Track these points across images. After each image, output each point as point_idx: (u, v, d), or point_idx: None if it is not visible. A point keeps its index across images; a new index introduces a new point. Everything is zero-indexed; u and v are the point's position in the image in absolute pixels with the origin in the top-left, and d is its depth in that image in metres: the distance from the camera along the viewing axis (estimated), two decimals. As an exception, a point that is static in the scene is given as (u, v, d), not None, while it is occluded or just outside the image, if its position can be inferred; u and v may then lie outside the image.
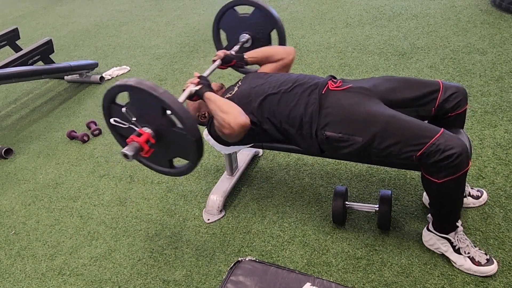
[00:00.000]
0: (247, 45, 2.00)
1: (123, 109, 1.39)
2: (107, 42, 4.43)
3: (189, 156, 1.40)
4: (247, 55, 1.80)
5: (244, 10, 2.00)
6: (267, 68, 1.80)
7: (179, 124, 1.33)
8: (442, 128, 1.30)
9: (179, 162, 1.48)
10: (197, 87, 1.55)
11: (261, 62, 1.82)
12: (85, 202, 2.20)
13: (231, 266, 1.58)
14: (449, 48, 2.90)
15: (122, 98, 1.38)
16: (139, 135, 1.35)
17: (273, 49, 1.85)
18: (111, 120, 1.46)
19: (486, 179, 1.82)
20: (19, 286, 1.79)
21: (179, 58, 3.66)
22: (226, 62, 1.78)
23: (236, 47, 1.93)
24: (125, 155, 1.32)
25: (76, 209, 2.16)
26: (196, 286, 1.62)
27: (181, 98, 1.51)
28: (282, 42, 1.98)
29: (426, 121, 1.43)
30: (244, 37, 1.99)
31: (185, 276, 1.67)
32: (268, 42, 2.00)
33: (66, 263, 1.85)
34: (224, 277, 1.58)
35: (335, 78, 1.57)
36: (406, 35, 3.20)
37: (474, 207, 1.69)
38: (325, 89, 1.48)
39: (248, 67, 1.94)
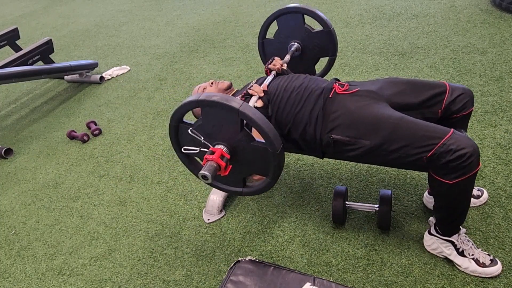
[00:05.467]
0: (297, 53, 1.95)
1: (189, 130, 1.31)
2: (107, 42, 4.43)
3: (269, 172, 1.30)
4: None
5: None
6: None
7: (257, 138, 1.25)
8: (452, 129, 1.29)
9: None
10: (258, 102, 1.52)
11: None
12: (85, 202, 2.20)
13: (231, 266, 1.58)
14: (449, 48, 2.89)
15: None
16: (212, 153, 1.26)
17: None
18: (183, 150, 1.37)
19: (486, 179, 1.82)
20: (19, 286, 1.79)
21: (179, 58, 3.66)
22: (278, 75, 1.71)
23: (288, 57, 1.85)
24: (204, 176, 1.22)
25: (76, 209, 2.16)
26: (196, 286, 1.62)
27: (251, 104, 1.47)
28: (327, 71, 2.04)
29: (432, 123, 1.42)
30: (293, 46, 1.92)
31: (185, 276, 1.67)
32: (315, 60, 2.02)
33: (66, 263, 1.85)
34: (224, 277, 1.58)
35: (339, 80, 1.57)
36: (406, 35, 3.20)
37: (474, 206, 1.69)
38: (332, 93, 1.48)
39: None
